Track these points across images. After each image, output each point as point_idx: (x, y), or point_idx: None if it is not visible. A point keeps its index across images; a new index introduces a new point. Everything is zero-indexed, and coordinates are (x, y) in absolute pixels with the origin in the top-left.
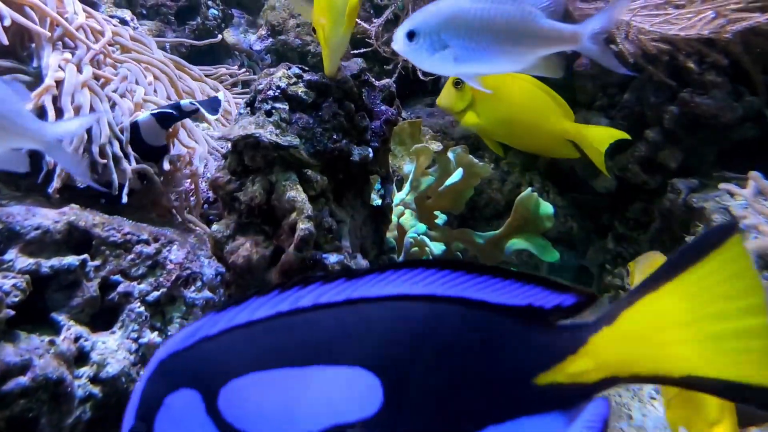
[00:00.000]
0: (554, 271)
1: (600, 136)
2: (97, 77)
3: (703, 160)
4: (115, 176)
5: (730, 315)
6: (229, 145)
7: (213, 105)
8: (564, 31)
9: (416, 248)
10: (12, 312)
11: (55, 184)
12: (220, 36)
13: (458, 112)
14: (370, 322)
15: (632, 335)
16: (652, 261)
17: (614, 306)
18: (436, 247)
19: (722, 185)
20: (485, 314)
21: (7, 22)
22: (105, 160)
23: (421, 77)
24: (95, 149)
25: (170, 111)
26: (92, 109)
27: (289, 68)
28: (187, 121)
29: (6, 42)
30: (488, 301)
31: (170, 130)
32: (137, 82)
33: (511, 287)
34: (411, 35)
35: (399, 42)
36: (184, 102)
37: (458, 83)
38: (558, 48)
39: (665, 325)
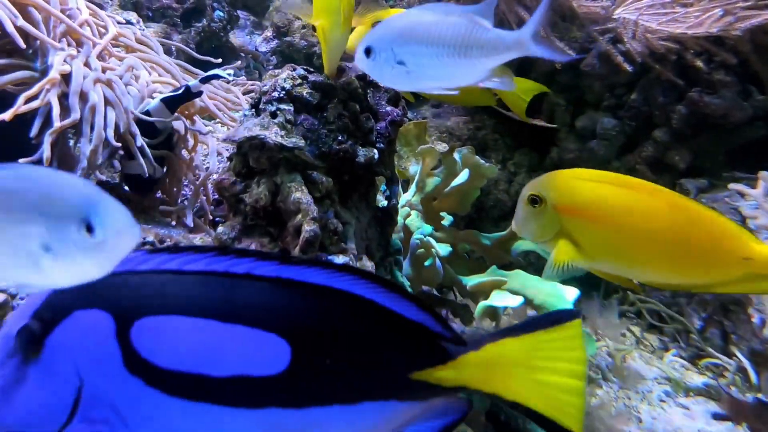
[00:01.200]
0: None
1: (521, 86)
2: (103, 69)
3: (712, 161)
4: (142, 161)
5: (560, 372)
6: (234, 146)
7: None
8: (507, 39)
9: (422, 250)
10: None
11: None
12: (219, 59)
13: None
14: (292, 299)
15: (486, 362)
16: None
17: (484, 337)
18: (443, 249)
19: (732, 185)
20: (389, 317)
21: (19, 23)
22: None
23: None
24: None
25: (177, 93)
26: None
27: (294, 69)
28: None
29: (23, 45)
30: (394, 309)
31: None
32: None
33: (413, 307)
34: (368, 51)
35: (359, 58)
36: (193, 83)
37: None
38: (507, 56)
39: (511, 363)
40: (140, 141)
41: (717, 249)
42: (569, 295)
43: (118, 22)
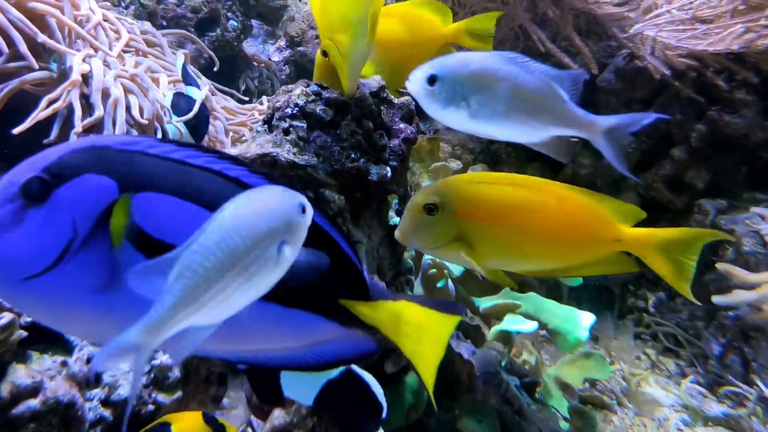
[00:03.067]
0: (575, 291)
1: (479, 23)
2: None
3: (731, 181)
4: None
5: (430, 343)
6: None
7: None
8: (582, 119)
9: (434, 270)
10: (25, 333)
11: None
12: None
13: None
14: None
15: (396, 314)
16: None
17: (403, 296)
18: (455, 269)
19: (754, 209)
20: (332, 249)
21: (40, 39)
22: None
23: None
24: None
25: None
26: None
27: (308, 85)
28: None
29: (36, 67)
30: (340, 244)
31: None
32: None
33: (352, 251)
34: (432, 80)
35: (417, 83)
36: (197, 95)
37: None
38: (572, 132)
39: (410, 323)
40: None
41: (594, 234)
42: (585, 321)
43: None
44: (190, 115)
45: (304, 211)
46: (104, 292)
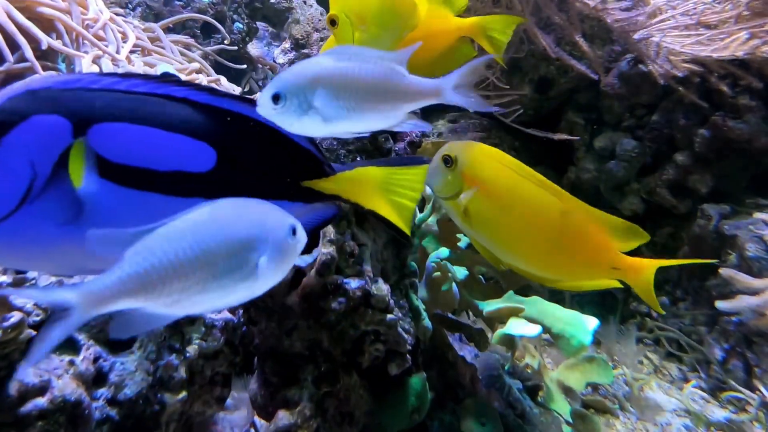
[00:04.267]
0: (578, 294)
1: (499, 24)
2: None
3: (735, 186)
4: None
5: (402, 195)
6: None
7: None
8: (428, 87)
9: (438, 273)
10: (33, 332)
11: None
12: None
13: None
14: (220, 120)
15: (354, 179)
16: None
17: (356, 164)
18: (459, 272)
19: (758, 214)
20: (288, 143)
21: (44, 46)
22: None
23: None
24: None
25: None
26: None
27: None
28: None
29: (41, 72)
30: (294, 138)
31: None
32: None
33: (305, 140)
34: (276, 98)
35: (264, 106)
36: None
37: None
38: (423, 102)
39: (371, 183)
40: None
41: (591, 257)
42: (589, 324)
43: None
44: None
45: (294, 233)
46: (73, 223)
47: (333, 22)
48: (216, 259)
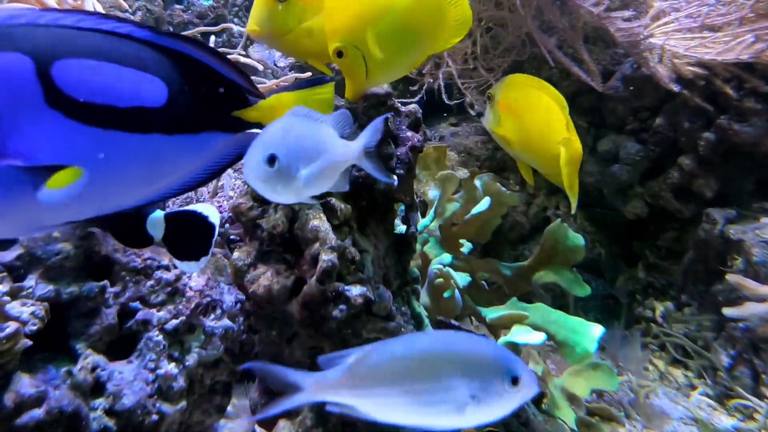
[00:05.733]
0: (582, 300)
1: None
2: None
3: (740, 190)
4: None
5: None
6: None
7: None
8: (351, 151)
9: (441, 280)
10: (29, 342)
11: None
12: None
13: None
14: (165, 56)
15: (272, 106)
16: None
17: (272, 91)
18: (462, 279)
19: (764, 219)
20: (220, 76)
21: None
22: None
23: (446, 100)
24: None
25: None
26: None
27: None
28: None
29: None
30: (223, 72)
31: None
32: None
33: (233, 71)
34: (272, 160)
35: (252, 168)
36: None
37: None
38: (345, 164)
39: (286, 107)
40: None
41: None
42: (594, 332)
43: None
44: None
45: (515, 383)
46: (35, 168)
47: (339, 54)
48: (420, 388)
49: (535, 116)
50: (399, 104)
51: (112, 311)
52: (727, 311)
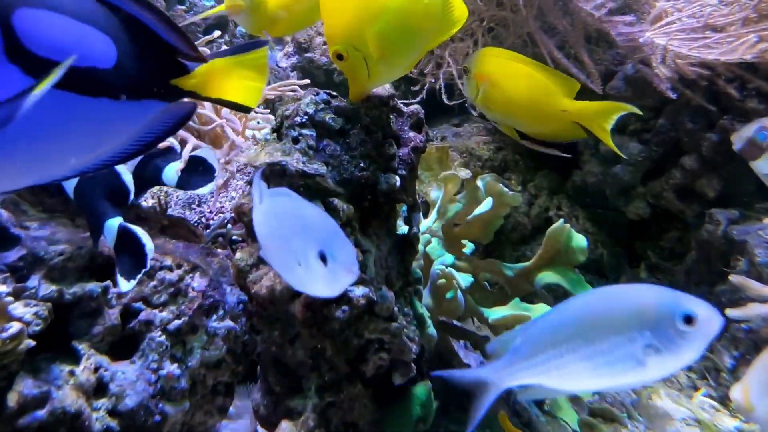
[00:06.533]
0: None
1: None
2: None
3: (743, 191)
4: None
5: (248, 77)
6: (256, 171)
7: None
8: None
9: (443, 280)
10: (33, 342)
11: None
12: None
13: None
14: (115, 16)
15: (207, 74)
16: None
17: (207, 56)
18: (464, 280)
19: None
20: (161, 41)
21: None
22: None
23: (446, 102)
24: None
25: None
26: None
27: (317, 94)
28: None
29: None
30: (164, 36)
31: None
32: None
33: (174, 33)
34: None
35: (313, 266)
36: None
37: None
38: None
39: (220, 74)
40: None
41: (549, 105)
42: None
43: None
44: None
45: (689, 321)
46: None
47: (340, 57)
48: (594, 350)
49: (519, 83)
50: (401, 105)
51: (115, 312)
52: (730, 312)
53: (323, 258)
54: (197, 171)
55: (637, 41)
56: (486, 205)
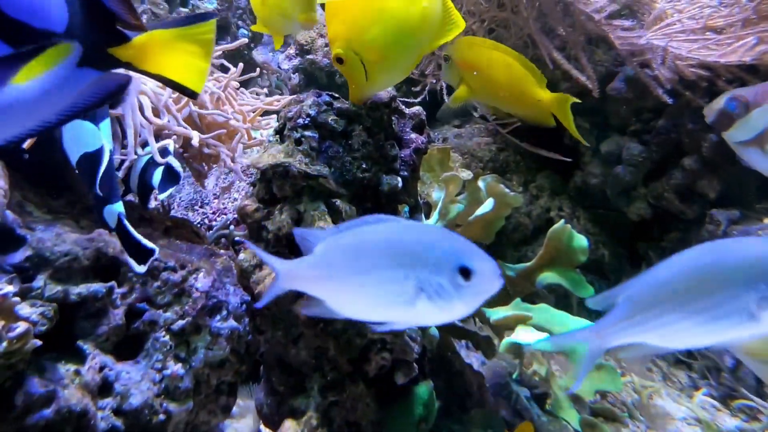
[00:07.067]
0: (585, 300)
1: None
2: None
3: (744, 191)
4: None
5: (192, 53)
6: (258, 172)
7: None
8: None
9: None
10: (39, 342)
11: None
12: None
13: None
14: None
15: (144, 45)
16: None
17: (152, 25)
18: None
19: None
20: (99, 7)
21: None
22: None
23: (448, 102)
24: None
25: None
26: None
27: (319, 96)
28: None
29: None
30: (108, 5)
31: None
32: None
33: None
34: (467, 273)
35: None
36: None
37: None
38: None
39: (159, 46)
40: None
41: (526, 94)
42: None
43: None
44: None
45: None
46: None
47: (340, 61)
48: (701, 306)
49: (500, 72)
50: (403, 107)
51: (120, 312)
52: None
53: (465, 273)
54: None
55: (635, 45)
56: (487, 205)
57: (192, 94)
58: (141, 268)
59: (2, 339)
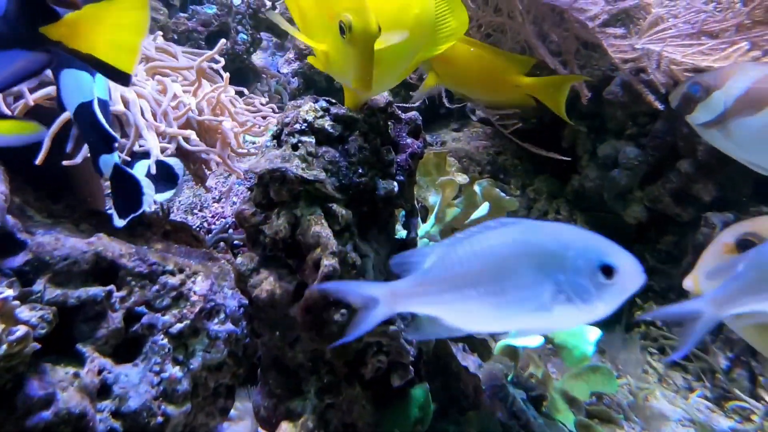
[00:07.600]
0: None
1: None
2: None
3: (738, 194)
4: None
5: (126, 27)
6: (255, 177)
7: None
8: None
9: None
10: (38, 345)
11: None
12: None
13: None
14: None
15: (75, 23)
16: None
17: (87, 1)
18: None
19: None
20: None
21: None
22: None
23: (447, 104)
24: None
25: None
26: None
27: (316, 101)
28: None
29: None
30: None
31: None
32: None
33: None
34: (609, 271)
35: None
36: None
37: None
38: None
39: (94, 22)
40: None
41: (499, 81)
42: (591, 335)
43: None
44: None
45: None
46: None
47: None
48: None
49: (470, 64)
50: (399, 112)
51: (118, 315)
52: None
53: (607, 271)
54: (161, 176)
55: (628, 52)
56: (483, 209)
57: (124, 77)
58: (120, 222)
59: (2, 342)
